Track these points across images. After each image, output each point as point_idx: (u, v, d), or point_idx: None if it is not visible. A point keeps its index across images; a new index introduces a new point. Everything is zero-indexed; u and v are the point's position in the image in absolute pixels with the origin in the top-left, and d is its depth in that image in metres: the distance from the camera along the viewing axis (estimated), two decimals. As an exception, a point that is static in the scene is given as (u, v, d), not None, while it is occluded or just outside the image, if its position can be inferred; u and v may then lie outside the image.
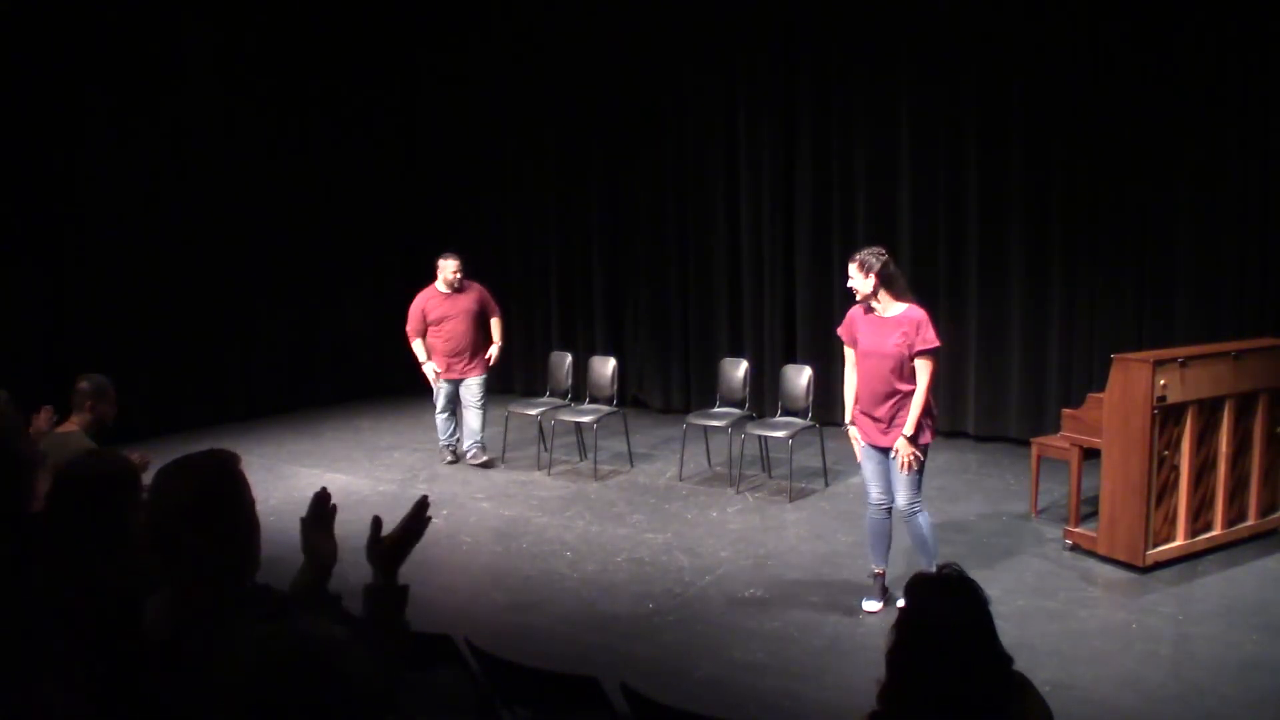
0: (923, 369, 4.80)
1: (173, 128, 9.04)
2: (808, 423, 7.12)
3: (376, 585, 2.14)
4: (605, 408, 7.80)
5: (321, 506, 2.25)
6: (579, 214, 10.21)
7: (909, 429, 4.76)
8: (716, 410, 7.66)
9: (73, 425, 4.52)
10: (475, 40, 10.53)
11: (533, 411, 8.00)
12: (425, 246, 11.19)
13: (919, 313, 4.85)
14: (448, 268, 7.82)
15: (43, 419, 4.50)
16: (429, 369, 7.86)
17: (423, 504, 2.23)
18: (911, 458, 4.78)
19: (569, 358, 8.39)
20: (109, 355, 8.56)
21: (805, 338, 8.95)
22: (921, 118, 8.23)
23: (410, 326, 7.91)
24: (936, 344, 4.83)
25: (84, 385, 4.60)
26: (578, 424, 7.94)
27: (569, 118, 10.08)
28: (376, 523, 2.21)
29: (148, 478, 2.18)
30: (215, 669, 1.84)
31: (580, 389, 8.38)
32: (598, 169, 10.01)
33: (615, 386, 8.00)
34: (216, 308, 9.57)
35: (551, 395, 8.30)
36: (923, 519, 4.91)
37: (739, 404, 7.61)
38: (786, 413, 7.32)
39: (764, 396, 8.62)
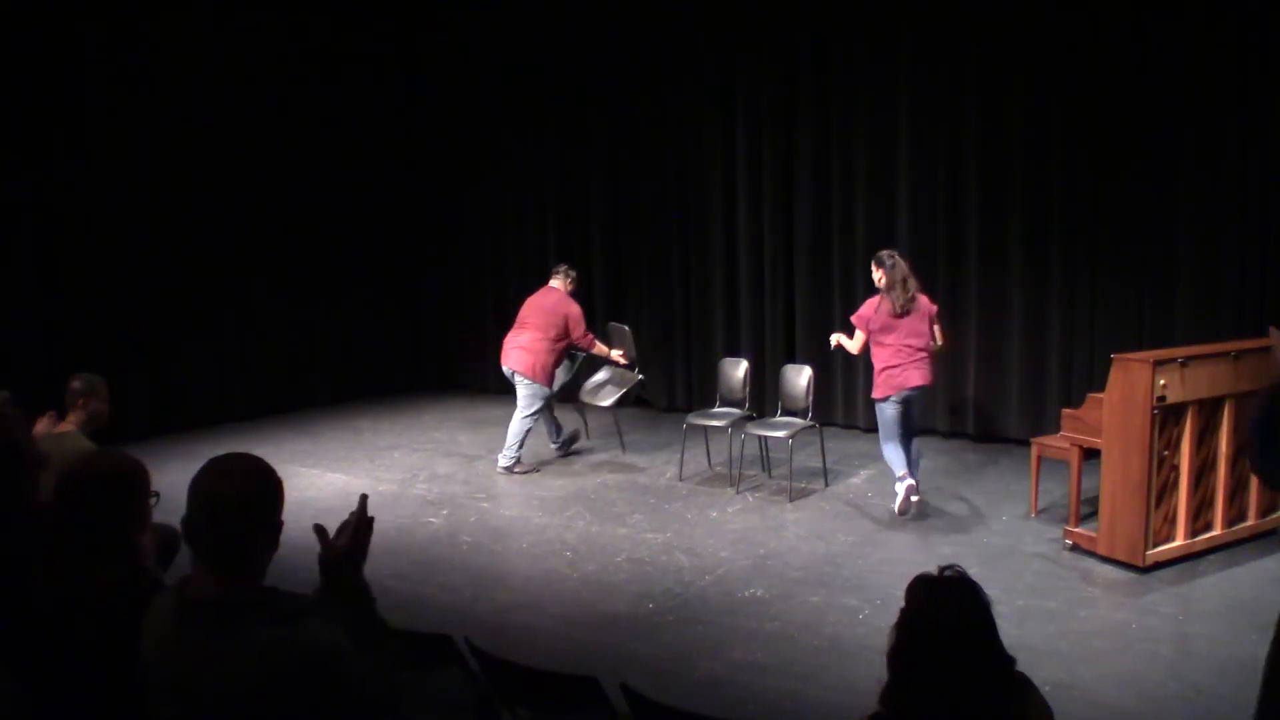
0: None
1: (171, 125, 9.02)
2: (808, 423, 7.12)
3: (343, 591, 2.13)
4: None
5: (363, 542, 2.14)
6: (579, 214, 10.20)
7: None
8: (716, 410, 7.66)
9: (68, 425, 4.49)
10: (476, 39, 10.52)
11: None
12: (424, 247, 11.24)
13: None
14: (574, 276, 8.00)
15: (44, 425, 4.49)
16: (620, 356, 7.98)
17: (363, 501, 2.21)
18: None
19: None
20: (108, 354, 8.57)
21: (805, 337, 8.95)
22: (922, 118, 8.23)
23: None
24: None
25: (76, 384, 4.57)
26: (578, 423, 7.94)
27: (569, 118, 10.08)
28: (321, 531, 2.18)
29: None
30: (222, 671, 1.85)
31: (575, 389, 8.37)
32: (598, 169, 10.00)
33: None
34: (216, 307, 9.56)
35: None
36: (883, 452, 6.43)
37: (739, 404, 7.61)
38: (786, 413, 7.32)
39: (764, 396, 8.62)
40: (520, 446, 7.67)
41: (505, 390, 10.68)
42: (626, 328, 8.23)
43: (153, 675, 1.96)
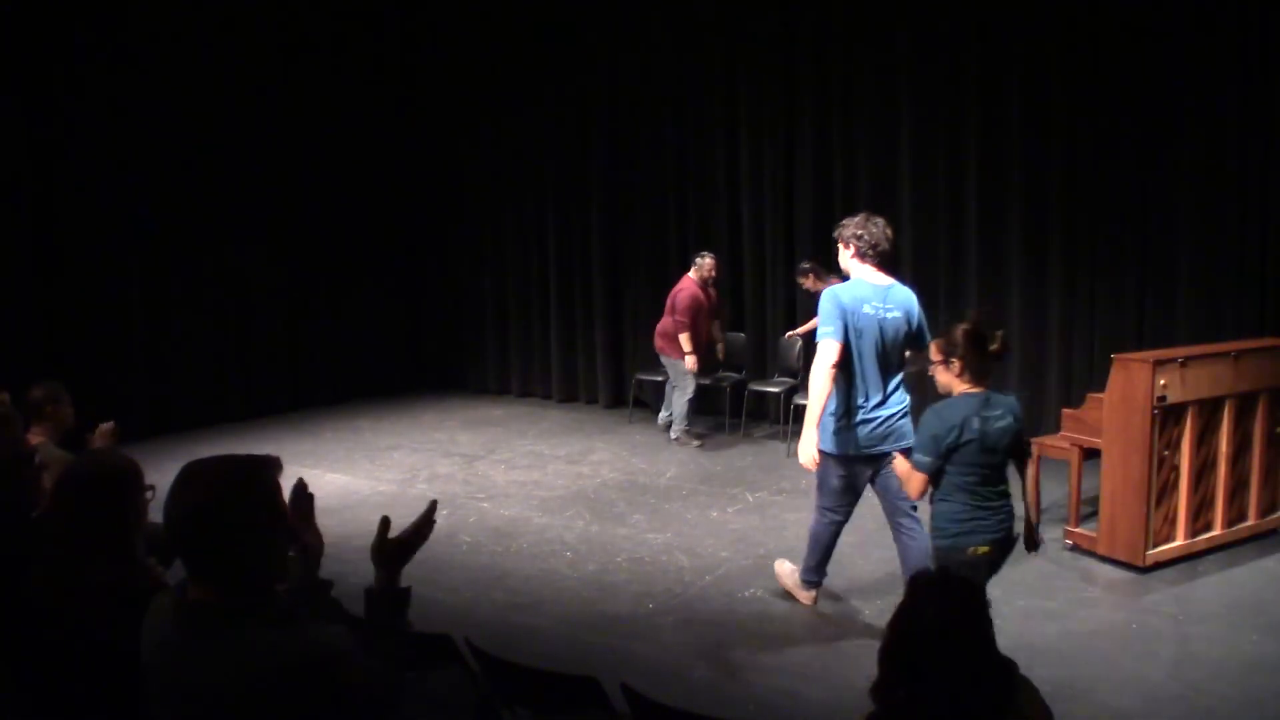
0: None
1: (169, 124, 9.00)
2: None
3: (378, 588, 2.14)
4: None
5: (300, 497, 2.23)
6: (579, 213, 10.19)
7: None
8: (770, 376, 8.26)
9: (38, 436, 4.41)
10: (472, 35, 10.51)
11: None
12: (424, 247, 11.23)
13: None
14: (708, 265, 8.26)
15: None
16: (692, 361, 8.09)
17: (433, 508, 2.23)
18: None
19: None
20: (107, 354, 8.59)
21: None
22: (922, 117, 8.22)
23: (692, 317, 8.06)
24: None
25: (36, 393, 4.48)
26: (578, 424, 7.94)
27: (568, 116, 10.07)
28: (385, 523, 2.20)
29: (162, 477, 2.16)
30: (221, 674, 1.84)
31: (575, 389, 8.39)
32: (597, 167, 10.00)
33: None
34: (215, 307, 9.55)
35: (549, 396, 8.32)
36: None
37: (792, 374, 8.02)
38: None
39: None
40: (685, 420, 8.19)
41: (505, 390, 10.73)
42: (799, 342, 8.37)
43: (152, 677, 1.95)
